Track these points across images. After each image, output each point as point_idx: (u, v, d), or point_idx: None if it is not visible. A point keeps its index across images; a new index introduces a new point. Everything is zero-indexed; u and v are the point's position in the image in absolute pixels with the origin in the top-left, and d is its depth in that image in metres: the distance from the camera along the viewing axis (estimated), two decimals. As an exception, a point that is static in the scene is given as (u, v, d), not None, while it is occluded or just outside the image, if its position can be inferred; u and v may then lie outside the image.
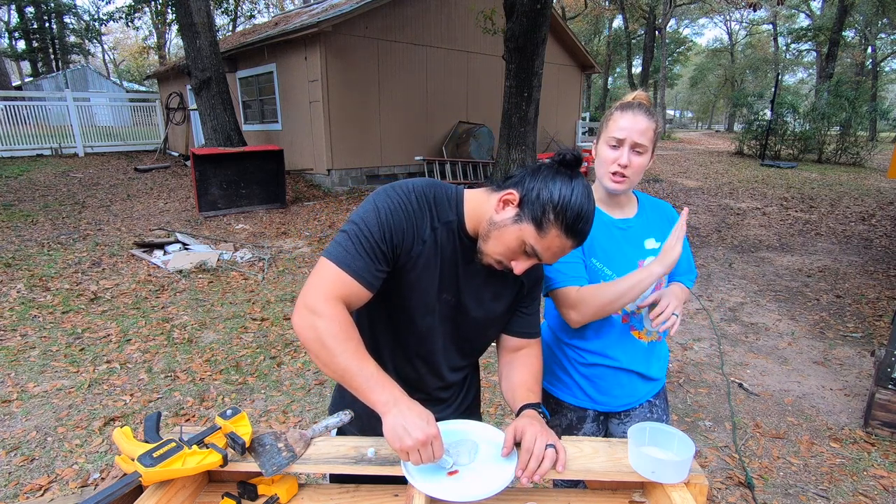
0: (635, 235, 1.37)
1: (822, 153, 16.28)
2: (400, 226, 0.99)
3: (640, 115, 1.25)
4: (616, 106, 1.32)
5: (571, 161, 1.00)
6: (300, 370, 3.40)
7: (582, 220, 0.95)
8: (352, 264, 0.96)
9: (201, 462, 0.89)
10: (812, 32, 29.31)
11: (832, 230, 7.62)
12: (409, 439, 0.87)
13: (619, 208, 1.39)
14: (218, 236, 6.61)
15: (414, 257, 1.03)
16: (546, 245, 0.97)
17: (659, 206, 1.45)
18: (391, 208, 0.99)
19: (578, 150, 1.01)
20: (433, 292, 1.08)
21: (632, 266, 1.35)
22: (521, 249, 0.99)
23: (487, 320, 1.16)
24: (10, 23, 29.43)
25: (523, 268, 1.01)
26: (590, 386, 1.43)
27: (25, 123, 11.23)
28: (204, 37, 8.69)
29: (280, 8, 28.94)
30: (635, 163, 1.26)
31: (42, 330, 3.90)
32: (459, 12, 10.54)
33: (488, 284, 1.12)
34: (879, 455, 2.54)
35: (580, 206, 0.95)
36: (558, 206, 0.94)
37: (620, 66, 40.56)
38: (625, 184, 1.28)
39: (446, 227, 1.06)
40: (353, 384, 0.93)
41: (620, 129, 1.25)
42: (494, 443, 1.00)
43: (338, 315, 0.93)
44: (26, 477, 2.36)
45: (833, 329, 4.14)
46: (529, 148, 8.89)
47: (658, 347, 1.45)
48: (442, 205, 1.07)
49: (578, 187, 0.96)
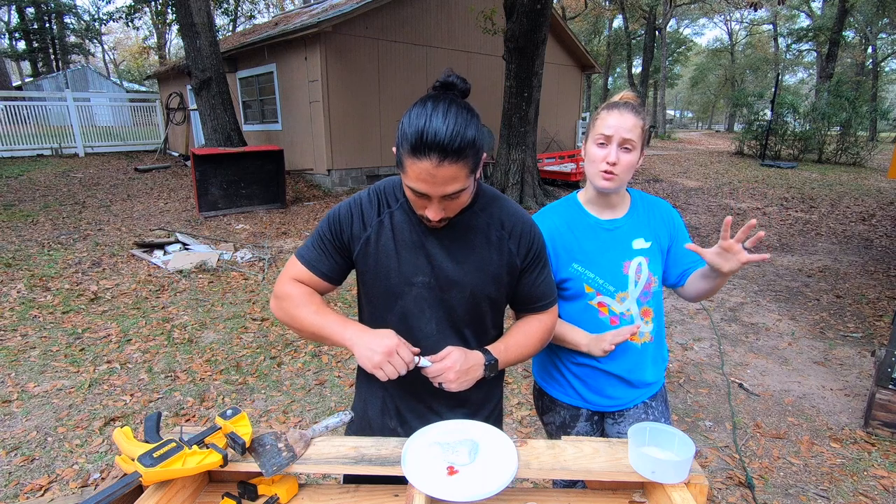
0: (623, 236, 1.35)
1: (822, 153, 16.28)
2: (347, 219, 1.11)
3: (626, 113, 1.25)
4: (603, 105, 1.31)
5: (439, 87, 0.97)
6: (300, 370, 3.40)
7: (423, 133, 0.88)
8: (305, 255, 1.14)
9: (201, 462, 0.89)
10: (812, 32, 29.30)
11: (832, 230, 7.62)
12: (376, 356, 0.97)
13: (610, 208, 1.36)
14: (218, 236, 6.61)
15: (363, 244, 1.10)
16: (413, 178, 0.93)
17: (653, 204, 1.42)
18: (342, 207, 1.13)
19: (455, 76, 0.97)
20: (400, 276, 1.09)
21: (616, 268, 1.33)
22: (414, 195, 0.98)
23: (475, 295, 1.12)
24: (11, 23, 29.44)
25: (433, 213, 0.98)
26: (581, 385, 1.42)
27: (26, 123, 11.24)
28: (204, 37, 8.69)
29: (280, 8, 28.94)
30: (624, 160, 1.24)
31: (42, 330, 3.90)
32: (459, 12, 10.54)
33: (467, 257, 1.10)
34: (880, 455, 2.54)
35: (419, 121, 0.89)
36: (403, 133, 0.92)
37: (620, 66, 40.55)
38: (615, 181, 1.26)
39: (399, 209, 1.10)
40: (323, 335, 1.07)
41: (608, 126, 1.24)
42: (494, 443, 1.00)
43: (295, 290, 1.12)
44: (26, 477, 2.36)
45: (833, 329, 4.13)
46: (529, 148, 8.89)
47: (653, 349, 1.42)
48: (390, 193, 1.13)
49: (428, 105, 0.91)
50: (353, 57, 9.28)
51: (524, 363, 3.52)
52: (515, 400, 3.06)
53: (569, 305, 1.39)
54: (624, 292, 1.34)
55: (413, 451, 0.96)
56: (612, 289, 1.33)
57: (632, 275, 1.34)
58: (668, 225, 1.39)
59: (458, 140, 0.89)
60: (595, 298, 1.35)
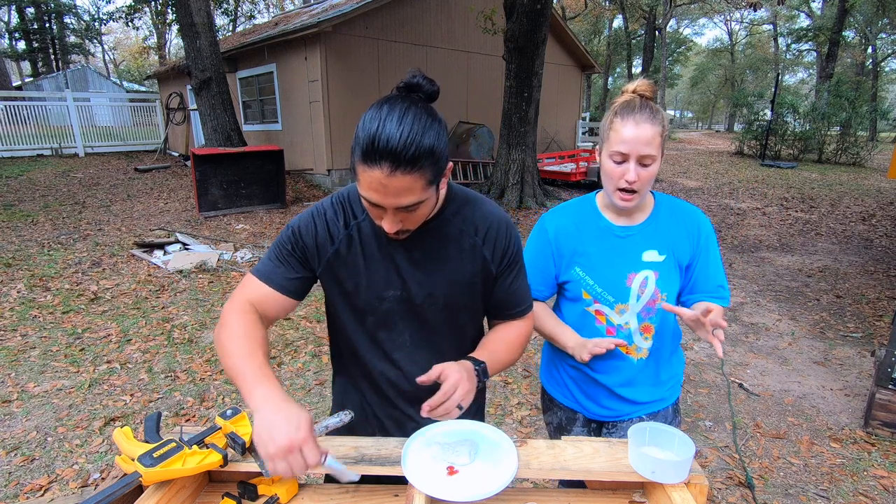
0: (633, 245, 1.24)
1: (822, 153, 16.29)
2: (309, 229, 1.03)
3: (643, 121, 1.11)
4: (616, 108, 1.16)
5: (403, 88, 0.89)
6: (300, 370, 3.40)
7: (375, 139, 0.80)
8: (263, 270, 1.04)
9: (201, 462, 0.89)
10: (812, 32, 29.31)
11: (832, 230, 7.62)
12: (272, 445, 0.78)
13: (626, 215, 1.26)
14: (218, 236, 6.61)
15: (331, 258, 1.04)
16: (365, 187, 0.85)
17: (680, 213, 1.26)
18: (303, 216, 1.05)
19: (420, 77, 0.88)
20: (369, 292, 1.04)
21: (619, 278, 1.24)
22: (368, 205, 0.90)
23: (450, 307, 1.08)
24: (11, 23, 29.45)
25: (388, 225, 0.91)
26: (577, 389, 1.38)
27: (26, 123, 11.24)
28: (204, 37, 8.69)
29: (280, 8, 28.94)
30: (644, 175, 1.13)
31: (42, 330, 3.90)
32: (459, 12, 10.54)
33: (439, 267, 1.04)
34: (880, 455, 2.54)
35: (372, 125, 0.81)
36: (356, 137, 0.84)
37: (620, 66, 40.55)
38: (633, 200, 1.17)
39: (366, 221, 1.03)
40: (238, 384, 0.90)
41: (623, 141, 1.11)
42: (494, 443, 1.00)
43: (238, 320, 0.98)
44: (26, 477, 2.36)
45: (833, 329, 4.13)
46: (529, 148, 8.89)
47: (651, 368, 1.30)
48: (356, 201, 1.04)
49: (384, 108, 0.83)
50: (353, 57, 9.28)
51: (524, 363, 3.52)
52: (515, 400, 3.06)
53: (569, 307, 1.35)
54: (624, 304, 1.25)
55: (413, 450, 0.96)
56: (610, 299, 1.26)
57: (635, 288, 1.24)
58: (693, 239, 1.24)
59: (412, 148, 0.80)
60: (592, 305, 1.28)
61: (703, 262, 1.25)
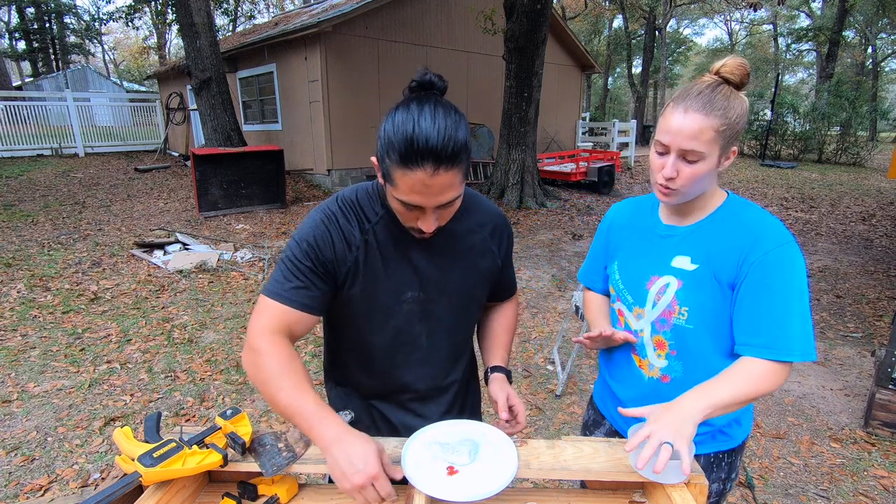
0: (669, 247, 1.10)
1: (822, 153, 16.28)
2: (325, 240, 0.97)
3: (693, 112, 0.95)
4: (677, 94, 1.01)
5: (416, 87, 0.87)
6: (300, 370, 3.39)
7: (413, 140, 0.79)
8: (283, 293, 0.96)
9: (201, 462, 0.89)
10: (812, 32, 29.28)
11: (832, 230, 7.62)
12: (346, 483, 0.82)
13: (678, 214, 1.12)
14: (218, 236, 6.61)
15: (351, 267, 1.00)
16: (406, 191, 0.84)
17: (741, 219, 1.05)
18: (315, 226, 0.99)
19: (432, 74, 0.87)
20: (389, 295, 1.03)
21: (642, 279, 1.13)
22: (404, 208, 0.89)
23: (465, 302, 1.09)
24: (11, 23, 29.44)
25: (427, 225, 0.90)
26: (607, 394, 1.30)
27: (26, 123, 11.24)
28: (204, 37, 8.69)
29: (280, 8, 28.94)
30: (686, 173, 0.98)
31: (42, 330, 3.90)
32: (459, 12, 10.54)
33: (454, 264, 1.05)
34: (880, 455, 2.54)
35: (406, 127, 0.80)
36: (389, 142, 0.82)
37: (620, 66, 40.53)
38: (674, 197, 1.03)
39: (380, 224, 1.01)
40: (296, 422, 0.90)
41: (667, 131, 0.98)
42: (494, 443, 1.00)
43: (276, 350, 0.93)
44: (26, 477, 2.36)
45: (833, 329, 4.13)
46: (529, 148, 8.90)
47: (666, 393, 1.10)
48: (366, 205, 1.02)
49: (412, 107, 0.82)
50: (353, 57, 9.28)
51: (524, 363, 3.52)
52: (515, 400, 3.05)
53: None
54: (640, 308, 1.14)
55: (413, 450, 0.96)
56: (630, 300, 1.17)
57: (653, 292, 1.11)
58: (741, 255, 1.00)
59: (451, 144, 0.80)
60: (616, 303, 1.22)
61: (751, 295, 0.99)
